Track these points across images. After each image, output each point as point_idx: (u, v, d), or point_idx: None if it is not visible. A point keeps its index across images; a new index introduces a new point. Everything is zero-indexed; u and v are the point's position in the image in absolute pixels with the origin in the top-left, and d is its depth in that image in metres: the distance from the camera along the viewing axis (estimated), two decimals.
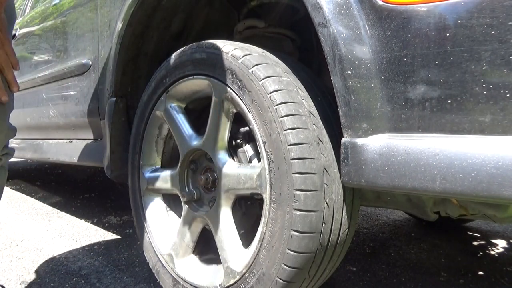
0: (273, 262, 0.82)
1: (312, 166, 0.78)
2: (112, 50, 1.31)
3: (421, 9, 0.65)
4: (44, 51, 1.97)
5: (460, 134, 0.63)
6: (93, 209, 2.29)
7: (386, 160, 0.69)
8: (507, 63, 0.58)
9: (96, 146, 1.53)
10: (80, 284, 1.28)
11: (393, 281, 1.32)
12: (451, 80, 0.63)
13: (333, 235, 0.84)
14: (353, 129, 0.74)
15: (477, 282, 1.33)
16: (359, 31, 0.72)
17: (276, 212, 0.82)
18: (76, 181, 3.35)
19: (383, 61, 0.70)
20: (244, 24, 1.28)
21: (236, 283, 0.91)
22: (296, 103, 0.82)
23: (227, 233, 0.95)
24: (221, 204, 0.95)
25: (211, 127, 0.97)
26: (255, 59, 0.87)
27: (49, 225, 1.98)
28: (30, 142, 2.13)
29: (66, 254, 1.54)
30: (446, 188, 0.63)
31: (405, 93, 0.68)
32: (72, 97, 1.65)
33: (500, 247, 1.69)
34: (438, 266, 1.45)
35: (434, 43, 0.64)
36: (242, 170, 0.91)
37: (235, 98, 0.89)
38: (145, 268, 1.40)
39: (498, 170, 0.58)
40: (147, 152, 1.19)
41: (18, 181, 3.29)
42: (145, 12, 1.22)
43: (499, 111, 0.59)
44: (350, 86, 0.72)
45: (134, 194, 1.24)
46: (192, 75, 1.00)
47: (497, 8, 0.59)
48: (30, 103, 2.09)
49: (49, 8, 1.95)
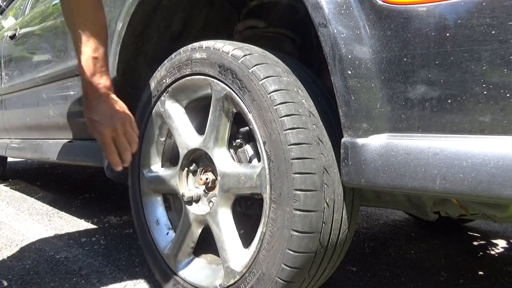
0: (273, 262, 0.82)
1: (312, 166, 0.78)
2: (112, 50, 1.31)
3: (421, 9, 0.65)
4: (44, 51, 1.97)
5: (460, 134, 0.63)
6: (93, 209, 2.29)
7: (386, 160, 0.69)
8: (507, 63, 0.58)
9: (96, 146, 1.53)
10: (80, 284, 1.28)
11: (393, 281, 1.32)
12: (451, 80, 0.63)
13: (333, 235, 0.84)
14: (353, 129, 0.74)
15: (477, 282, 1.33)
16: (359, 31, 0.72)
17: (276, 212, 0.82)
18: (76, 181, 3.35)
19: (383, 61, 0.70)
20: (244, 24, 1.28)
21: (236, 283, 0.91)
22: (296, 103, 0.82)
23: (227, 233, 0.95)
24: (221, 204, 0.95)
25: (211, 127, 0.97)
26: (255, 59, 0.87)
27: (49, 225, 1.98)
28: (30, 142, 2.13)
29: (66, 254, 1.54)
30: (446, 188, 0.63)
31: (405, 93, 0.68)
32: (72, 97, 1.65)
33: (500, 247, 1.69)
34: (438, 266, 1.45)
35: (434, 43, 0.64)
36: (242, 170, 0.91)
37: (235, 98, 0.89)
38: (145, 268, 1.40)
39: (498, 170, 0.58)
40: (147, 152, 1.19)
41: (18, 181, 3.29)
42: (145, 12, 1.22)
43: (499, 111, 0.59)
44: (350, 86, 0.72)
45: (134, 194, 1.24)
46: (192, 75, 1.00)
47: (497, 8, 0.59)
48: (30, 103, 2.09)
49: (49, 8, 1.95)
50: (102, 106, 0.99)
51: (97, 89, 0.97)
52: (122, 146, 1.03)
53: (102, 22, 0.98)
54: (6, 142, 2.48)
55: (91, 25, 0.94)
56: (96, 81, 0.96)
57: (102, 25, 0.98)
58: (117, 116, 1.01)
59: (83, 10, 0.94)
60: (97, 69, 0.96)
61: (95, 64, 0.95)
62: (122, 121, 1.02)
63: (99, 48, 0.95)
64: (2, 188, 3.01)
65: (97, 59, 0.95)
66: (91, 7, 0.95)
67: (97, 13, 0.96)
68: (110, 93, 1.00)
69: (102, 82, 0.97)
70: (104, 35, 0.98)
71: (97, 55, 0.95)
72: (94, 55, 0.94)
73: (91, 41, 0.94)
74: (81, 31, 0.93)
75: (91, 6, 0.95)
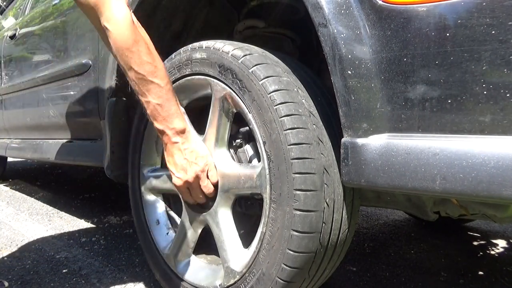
0: (273, 262, 0.82)
1: (312, 166, 0.78)
2: None
3: (421, 9, 0.65)
4: (44, 51, 1.97)
5: (460, 134, 0.63)
6: (93, 209, 2.29)
7: (386, 160, 0.69)
8: (507, 63, 0.58)
9: (96, 146, 1.53)
10: (80, 284, 1.28)
11: (393, 281, 1.32)
12: (451, 80, 0.63)
13: (333, 235, 0.84)
14: (353, 129, 0.74)
15: (477, 282, 1.33)
16: (359, 31, 0.72)
17: (276, 212, 0.82)
18: (76, 181, 3.35)
19: (383, 61, 0.70)
20: (244, 24, 1.28)
21: (236, 283, 0.91)
22: (296, 103, 0.82)
23: (227, 233, 0.95)
24: (221, 204, 0.95)
25: (211, 127, 0.97)
26: (255, 59, 0.87)
27: (49, 225, 1.98)
28: (30, 142, 2.13)
29: (66, 254, 1.54)
30: (446, 188, 0.63)
31: (405, 93, 0.68)
32: (72, 97, 1.65)
33: (500, 247, 1.69)
34: (438, 266, 1.45)
35: (434, 43, 0.64)
36: (242, 170, 0.91)
37: (235, 98, 0.89)
38: (145, 268, 1.40)
39: (498, 170, 0.58)
40: (147, 152, 1.19)
41: (18, 181, 3.29)
42: (145, 12, 1.22)
43: (499, 111, 0.59)
44: (350, 86, 0.72)
45: (134, 194, 1.24)
46: (192, 75, 1.00)
47: (497, 8, 0.59)
48: (30, 103, 2.09)
49: (49, 8, 1.95)
50: (176, 158, 0.91)
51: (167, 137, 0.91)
52: (195, 196, 0.96)
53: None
54: (6, 142, 2.48)
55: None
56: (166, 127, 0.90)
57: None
58: (192, 168, 0.90)
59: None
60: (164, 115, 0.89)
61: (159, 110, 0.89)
62: (197, 173, 0.91)
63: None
64: (2, 188, 3.01)
65: (161, 106, 0.88)
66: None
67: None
68: (183, 140, 0.91)
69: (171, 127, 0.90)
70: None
71: (160, 102, 0.88)
72: (159, 102, 0.88)
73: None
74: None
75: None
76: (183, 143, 0.91)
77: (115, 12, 0.85)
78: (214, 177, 0.93)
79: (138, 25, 0.89)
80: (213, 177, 0.93)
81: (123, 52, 0.86)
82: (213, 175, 0.93)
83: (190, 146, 0.91)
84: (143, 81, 0.87)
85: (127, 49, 0.85)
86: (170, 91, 0.90)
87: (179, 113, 0.91)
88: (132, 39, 0.85)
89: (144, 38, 0.89)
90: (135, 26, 0.87)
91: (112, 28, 0.85)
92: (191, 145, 0.91)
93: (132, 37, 0.85)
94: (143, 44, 0.87)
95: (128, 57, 0.86)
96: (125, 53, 0.86)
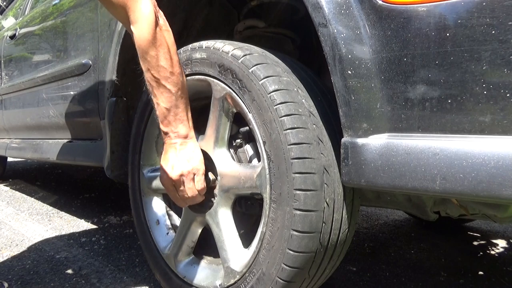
0: (273, 262, 0.82)
1: (312, 165, 0.78)
2: (112, 50, 1.31)
3: (421, 9, 0.65)
4: (44, 51, 1.97)
5: (460, 134, 0.63)
6: (93, 209, 2.29)
7: (386, 160, 0.69)
8: (507, 63, 0.58)
9: (96, 146, 1.53)
10: (80, 284, 1.28)
11: (393, 281, 1.32)
12: (451, 80, 0.63)
13: (333, 235, 0.84)
14: (353, 129, 0.74)
15: (477, 282, 1.33)
16: (359, 31, 0.72)
17: (276, 212, 0.82)
18: (76, 181, 3.35)
19: (383, 61, 0.70)
20: (244, 24, 1.28)
21: (236, 283, 0.91)
22: (296, 103, 0.82)
23: (227, 233, 0.95)
24: (221, 204, 0.95)
25: (211, 127, 0.97)
26: (255, 59, 0.87)
27: (49, 225, 1.98)
28: (30, 142, 2.13)
29: (66, 254, 1.54)
30: (446, 188, 0.63)
31: (405, 93, 0.68)
32: (72, 97, 1.65)
33: (500, 247, 1.69)
34: (438, 266, 1.45)
35: (434, 43, 0.64)
36: (242, 169, 0.91)
37: (235, 98, 0.89)
38: (145, 268, 1.40)
39: (498, 170, 0.58)
40: (147, 152, 1.19)
41: (18, 181, 3.29)
42: None
43: (499, 111, 0.59)
44: (350, 86, 0.72)
45: (134, 194, 1.24)
46: (192, 74, 1.00)
47: (497, 8, 0.59)
48: (30, 103, 2.09)
49: (49, 8, 1.95)
50: (169, 154, 0.93)
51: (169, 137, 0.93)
52: (181, 196, 0.96)
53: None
54: (6, 142, 2.48)
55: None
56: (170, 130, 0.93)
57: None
58: (179, 167, 0.92)
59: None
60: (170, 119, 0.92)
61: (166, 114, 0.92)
62: (184, 174, 0.92)
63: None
64: (2, 188, 3.01)
65: (169, 110, 0.91)
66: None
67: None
68: (182, 141, 0.93)
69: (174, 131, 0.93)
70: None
71: (169, 107, 0.91)
72: (167, 107, 0.91)
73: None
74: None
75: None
76: (181, 145, 0.93)
77: (140, 15, 0.88)
78: (199, 184, 0.93)
79: (165, 28, 0.91)
80: (198, 183, 0.93)
81: (143, 54, 0.89)
82: (200, 181, 0.93)
83: (187, 149, 0.93)
84: (156, 83, 0.90)
85: (146, 52, 0.88)
86: (180, 98, 0.92)
87: (186, 120, 0.94)
88: (152, 43, 0.88)
89: (167, 42, 0.90)
90: (158, 30, 0.89)
91: (135, 32, 0.89)
92: (188, 148, 0.94)
93: (153, 41, 0.88)
94: (163, 49, 0.89)
95: (146, 60, 0.89)
96: (144, 56, 0.89)
